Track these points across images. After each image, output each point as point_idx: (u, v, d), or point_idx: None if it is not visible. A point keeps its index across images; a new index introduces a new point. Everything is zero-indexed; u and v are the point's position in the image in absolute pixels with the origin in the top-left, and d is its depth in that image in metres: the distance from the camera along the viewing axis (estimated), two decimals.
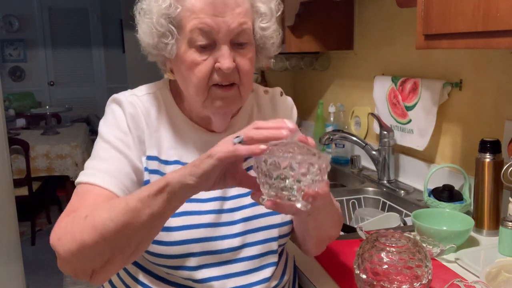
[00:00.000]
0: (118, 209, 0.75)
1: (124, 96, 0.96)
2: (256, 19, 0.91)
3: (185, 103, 0.98)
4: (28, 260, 2.85)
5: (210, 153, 0.72)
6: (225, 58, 0.86)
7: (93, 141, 0.99)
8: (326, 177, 0.73)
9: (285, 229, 0.99)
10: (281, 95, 1.09)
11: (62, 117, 5.17)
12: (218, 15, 0.84)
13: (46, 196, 4.19)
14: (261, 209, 0.95)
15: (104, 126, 0.94)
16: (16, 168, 3.62)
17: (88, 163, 0.91)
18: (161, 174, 0.93)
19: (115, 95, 0.97)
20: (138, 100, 0.96)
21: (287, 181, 0.69)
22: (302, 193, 0.69)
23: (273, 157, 0.68)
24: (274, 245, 0.97)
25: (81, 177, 0.88)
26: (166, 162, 0.94)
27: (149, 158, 0.93)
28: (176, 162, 0.95)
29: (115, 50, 6.48)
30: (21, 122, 4.68)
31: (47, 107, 4.95)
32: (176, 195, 0.74)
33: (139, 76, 5.58)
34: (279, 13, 0.94)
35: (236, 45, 0.88)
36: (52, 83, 6.49)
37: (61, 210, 4.35)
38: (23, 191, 3.61)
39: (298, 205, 0.70)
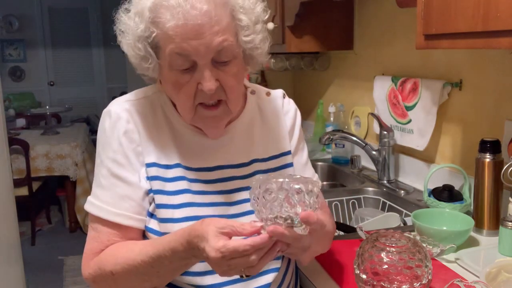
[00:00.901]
0: (150, 274, 0.86)
1: (117, 106, 0.95)
2: (239, 31, 0.87)
3: None
4: (28, 260, 2.85)
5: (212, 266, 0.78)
6: (206, 81, 0.84)
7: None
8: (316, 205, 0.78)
9: None
10: (284, 97, 1.08)
11: (62, 117, 5.16)
12: (195, 38, 0.81)
13: (46, 196, 4.19)
14: None
15: (99, 145, 0.96)
16: (16, 168, 3.62)
17: (95, 191, 0.95)
18: (162, 179, 0.93)
19: (108, 108, 0.97)
20: (134, 105, 0.96)
21: (283, 209, 0.75)
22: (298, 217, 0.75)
23: (270, 189, 0.76)
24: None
25: (91, 208, 0.94)
26: (168, 167, 0.94)
27: (148, 165, 0.93)
28: (178, 165, 0.94)
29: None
30: (21, 122, 4.68)
31: (47, 107, 4.96)
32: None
33: (139, 76, 5.57)
34: (266, 16, 0.91)
35: (219, 63, 0.85)
36: (52, 83, 6.49)
37: (61, 210, 4.37)
38: (23, 191, 3.62)
39: (298, 231, 0.76)
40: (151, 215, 0.93)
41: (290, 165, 1.04)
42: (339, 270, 1.11)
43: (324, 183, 2.13)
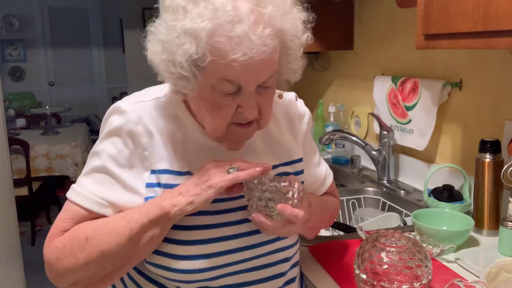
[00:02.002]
0: (123, 234, 0.82)
1: (129, 106, 0.90)
2: (284, 59, 0.85)
3: None
4: (28, 260, 2.85)
5: (210, 184, 0.80)
6: (250, 108, 0.81)
7: (93, 141, 0.98)
8: (302, 201, 0.87)
9: (282, 243, 0.97)
10: (296, 99, 1.07)
11: (62, 117, 5.17)
12: (253, 72, 0.78)
13: (46, 196, 4.19)
14: None
15: (101, 137, 0.91)
16: (16, 168, 3.62)
17: (79, 179, 0.90)
18: (173, 186, 0.88)
19: (118, 104, 0.91)
20: (146, 107, 0.91)
21: (269, 202, 0.85)
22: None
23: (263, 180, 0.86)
24: (285, 254, 0.97)
25: (69, 194, 0.90)
26: (179, 173, 0.90)
27: (160, 171, 0.89)
28: (188, 173, 0.90)
29: (115, 50, 6.48)
30: (21, 122, 4.68)
31: (47, 107, 4.96)
32: (173, 221, 0.84)
33: (139, 76, 5.56)
34: (307, 41, 0.88)
35: (261, 87, 0.82)
36: (52, 83, 6.49)
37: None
38: (23, 191, 3.61)
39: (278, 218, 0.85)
40: None
41: (300, 172, 1.03)
42: (339, 270, 1.11)
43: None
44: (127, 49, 5.59)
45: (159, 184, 0.89)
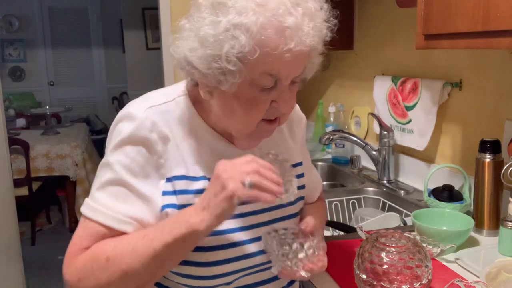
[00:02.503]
0: (147, 254, 0.79)
1: (140, 112, 0.87)
2: (312, 56, 0.86)
3: (209, 114, 0.91)
4: (28, 260, 2.84)
5: (227, 194, 0.75)
6: (286, 101, 0.83)
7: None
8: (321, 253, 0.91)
9: None
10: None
11: (62, 117, 5.16)
12: (295, 64, 0.80)
13: (46, 196, 4.19)
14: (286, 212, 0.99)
15: (111, 147, 0.87)
16: (16, 168, 3.62)
17: (93, 193, 0.86)
18: (189, 192, 0.87)
19: (129, 110, 0.88)
20: (158, 112, 0.88)
21: (290, 255, 0.86)
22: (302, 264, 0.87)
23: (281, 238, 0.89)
24: None
25: (86, 210, 0.85)
26: (194, 178, 0.89)
27: (176, 178, 0.87)
28: (203, 178, 0.89)
29: (115, 50, 6.48)
30: (21, 122, 4.67)
31: (47, 107, 4.95)
32: (203, 237, 0.80)
33: (139, 76, 5.60)
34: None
35: (292, 82, 0.84)
36: (52, 83, 6.49)
37: (61, 210, 4.36)
38: (23, 191, 3.61)
39: (302, 273, 0.86)
40: None
41: (301, 175, 1.04)
42: (339, 270, 1.11)
43: (324, 183, 2.13)
44: (127, 49, 5.59)
45: (174, 192, 0.87)
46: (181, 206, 0.87)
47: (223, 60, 0.77)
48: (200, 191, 0.86)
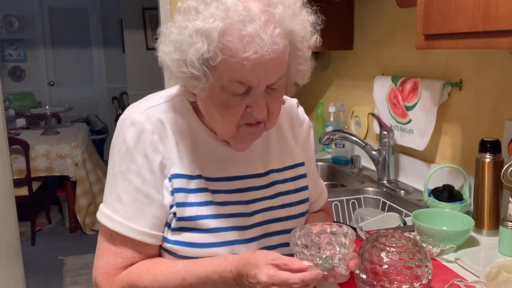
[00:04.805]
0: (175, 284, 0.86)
1: (139, 116, 0.89)
2: (293, 61, 0.86)
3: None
4: (28, 260, 2.85)
5: None
6: (259, 107, 0.82)
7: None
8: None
9: (286, 238, 0.97)
10: (298, 106, 1.08)
11: (62, 117, 5.17)
12: (263, 71, 0.79)
13: (46, 196, 4.19)
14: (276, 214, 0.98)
15: (118, 155, 0.90)
16: (16, 168, 3.62)
17: (113, 204, 0.90)
18: (186, 191, 0.90)
19: (130, 115, 0.90)
20: (156, 112, 0.91)
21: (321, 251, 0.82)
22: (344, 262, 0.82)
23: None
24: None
25: (110, 223, 0.89)
26: (190, 177, 0.91)
27: (174, 176, 0.90)
28: (199, 176, 0.91)
29: (115, 50, 6.48)
30: (21, 122, 4.67)
31: (47, 107, 4.95)
32: None
33: (139, 76, 5.60)
34: (315, 44, 0.89)
35: (269, 88, 0.83)
36: (52, 83, 6.49)
37: (61, 210, 4.36)
38: (23, 191, 3.61)
39: (342, 271, 0.81)
40: (169, 225, 0.91)
41: (304, 176, 1.04)
42: None
43: (324, 183, 2.13)
44: (127, 49, 5.59)
45: (173, 190, 0.90)
46: (180, 204, 0.89)
47: (188, 65, 0.79)
48: (195, 190, 0.90)
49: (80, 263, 3.43)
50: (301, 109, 1.09)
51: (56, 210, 4.46)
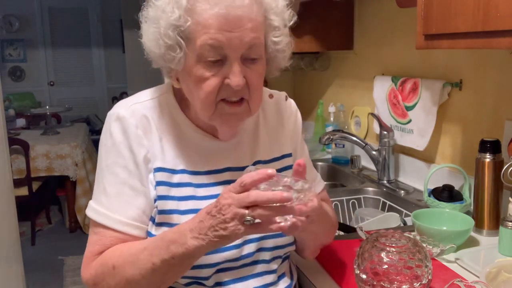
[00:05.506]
0: (146, 268, 0.83)
1: (125, 111, 0.92)
2: (269, 32, 0.88)
3: (191, 110, 0.95)
4: (28, 260, 2.85)
5: (225, 234, 0.76)
6: (235, 75, 0.83)
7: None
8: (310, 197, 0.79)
9: (281, 241, 0.98)
10: (286, 99, 1.08)
11: (62, 117, 5.17)
12: (231, 30, 0.80)
13: (46, 196, 4.19)
14: None
15: (104, 150, 0.92)
16: (16, 168, 3.62)
17: (99, 197, 0.92)
18: (168, 185, 0.91)
19: (115, 111, 0.93)
20: (141, 108, 0.93)
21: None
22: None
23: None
24: (267, 255, 0.97)
25: (95, 216, 0.91)
26: (173, 171, 0.92)
27: (156, 170, 0.91)
28: (183, 171, 0.93)
29: (115, 50, 6.49)
30: (21, 122, 4.68)
31: (47, 107, 4.96)
32: (197, 259, 0.83)
33: (139, 76, 5.59)
34: (291, 22, 0.91)
35: (247, 60, 0.84)
36: (52, 83, 6.49)
37: (61, 210, 4.37)
38: (23, 191, 3.62)
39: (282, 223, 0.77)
40: (153, 220, 0.92)
41: (290, 167, 1.04)
42: (339, 270, 1.11)
43: (324, 183, 2.13)
44: (127, 49, 5.58)
45: (156, 183, 0.91)
46: (161, 197, 0.90)
47: (162, 36, 0.83)
48: (178, 185, 0.91)
49: (80, 263, 3.36)
50: (289, 102, 1.09)
51: (56, 210, 4.46)
